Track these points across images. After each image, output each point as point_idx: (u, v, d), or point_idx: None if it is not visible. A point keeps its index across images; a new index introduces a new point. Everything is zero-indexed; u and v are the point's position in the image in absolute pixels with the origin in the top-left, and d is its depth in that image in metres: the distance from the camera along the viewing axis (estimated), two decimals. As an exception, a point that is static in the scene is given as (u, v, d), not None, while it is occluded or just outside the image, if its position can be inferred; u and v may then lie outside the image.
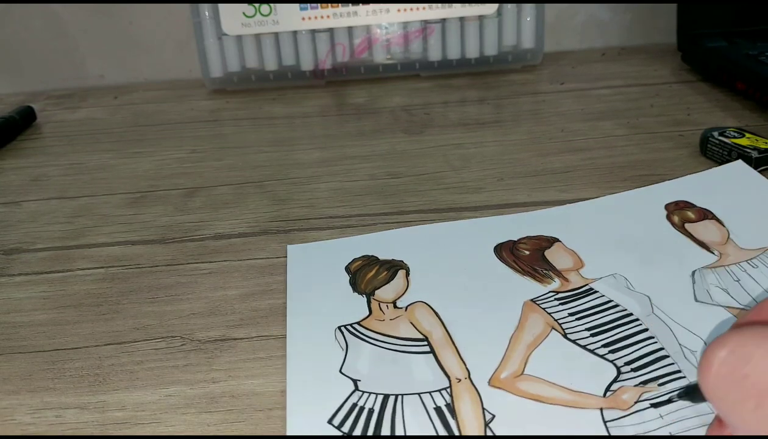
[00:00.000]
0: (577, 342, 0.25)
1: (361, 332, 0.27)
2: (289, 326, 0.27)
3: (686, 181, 0.36)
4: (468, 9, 0.58)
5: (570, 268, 0.30)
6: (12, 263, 0.35)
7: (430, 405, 0.23)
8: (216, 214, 0.38)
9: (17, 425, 0.24)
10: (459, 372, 0.24)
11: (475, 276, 0.30)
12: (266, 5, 0.57)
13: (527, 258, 0.31)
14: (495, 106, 0.53)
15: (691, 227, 0.32)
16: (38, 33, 0.66)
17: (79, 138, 0.52)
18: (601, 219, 0.34)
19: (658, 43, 0.67)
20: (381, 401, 0.23)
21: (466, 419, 0.22)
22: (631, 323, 0.26)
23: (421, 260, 0.31)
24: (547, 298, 0.28)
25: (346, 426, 0.22)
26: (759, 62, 0.48)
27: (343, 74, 0.61)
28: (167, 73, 0.68)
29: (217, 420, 0.23)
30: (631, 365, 0.24)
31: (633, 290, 0.28)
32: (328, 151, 0.46)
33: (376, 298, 0.29)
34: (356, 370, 0.25)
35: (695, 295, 0.27)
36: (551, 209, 0.35)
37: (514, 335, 0.26)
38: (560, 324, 0.26)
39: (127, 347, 0.28)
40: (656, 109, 0.49)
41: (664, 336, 0.25)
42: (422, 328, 0.27)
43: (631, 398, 0.23)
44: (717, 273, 0.29)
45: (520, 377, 0.24)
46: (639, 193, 0.36)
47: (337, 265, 0.31)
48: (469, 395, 0.23)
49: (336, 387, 0.24)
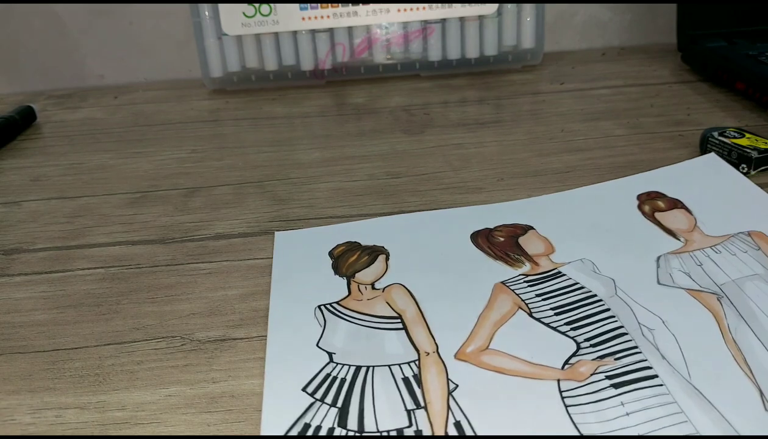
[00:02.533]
0: (542, 320, 0.27)
1: (339, 311, 0.28)
2: (272, 305, 0.29)
3: (660, 172, 0.38)
4: (468, 9, 0.58)
5: (541, 253, 0.31)
6: (12, 263, 0.35)
7: (399, 376, 0.25)
8: (216, 214, 0.38)
9: (17, 425, 0.24)
10: (428, 346, 0.26)
11: (451, 260, 0.31)
12: (266, 5, 0.57)
13: (501, 244, 0.32)
14: (495, 106, 0.53)
15: (660, 216, 0.33)
16: (38, 33, 0.66)
17: (79, 138, 0.52)
18: (575, 208, 0.35)
19: (658, 43, 0.67)
20: (353, 372, 0.25)
21: (431, 388, 0.24)
22: (594, 303, 0.28)
23: (401, 246, 0.33)
24: (517, 280, 0.29)
25: (319, 393, 0.24)
26: (759, 62, 0.48)
27: (343, 74, 0.61)
28: (167, 73, 0.68)
29: (217, 420, 0.23)
30: (591, 341, 0.25)
31: (599, 274, 0.29)
32: (328, 151, 0.46)
33: (356, 280, 0.30)
34: (332, 344, 0.26)
35: (658, 278, 0.29)
36: (529, 199, 0.36)
37: (483, 313, 0.28)
38: (527, 304, 0.28)
39: (127, 347, 0.28)
40: (656, 109, 0.49)
41: (624, 315, 0.27)
42: (397, 307, 0.28)
43: (588, 371, 0.24)
44: (681, 258, 0.30)
45: (485, 351, 0.25)
46: (613, 184, 0.37)
47: (321, 250, 0.33)
48: (436, 366, 0.25)
49: (312, 359, 0.26)
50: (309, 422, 0.23)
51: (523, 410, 0.23)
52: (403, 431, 0.22)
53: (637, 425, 0.22)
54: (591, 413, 0.22)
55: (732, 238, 0.31)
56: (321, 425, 0.23)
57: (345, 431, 0.22)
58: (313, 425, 0.23)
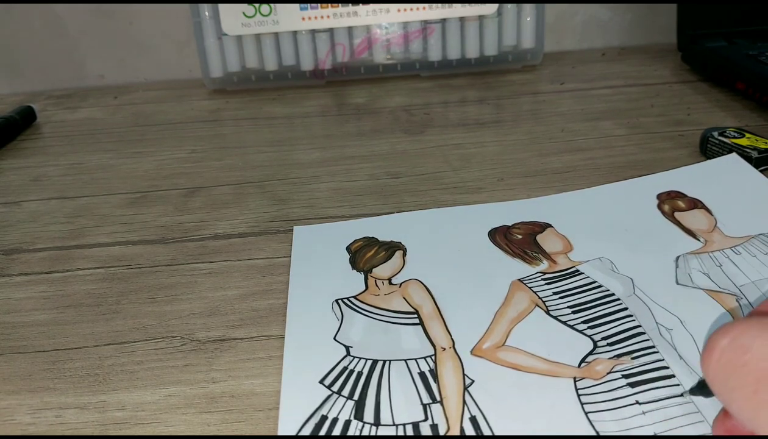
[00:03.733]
0: (559, 318, 0.27)
1: (356, 305, 0.29)
2: (290, 298, 0.29)
3: (680, 172, 0.38)
4: (468, 9, 0.58)
5: (559, 251, 0.31)
6: (12, 263, 0.35)
7: (415, 370, 0.25)
8: (216, 214, 0.38)
9: (17, 425, 0.24)
10: (444, 342, 0.26)
11: (468, 257, 0.31)
12: (266, 5, 0.57)
13: (519, 242, 0.32)
14: (495, 106, 0.53)
15: (680, 216, 0.33)
16: (38, 33, 0.66)
17: (79, 138, 0.52)
18: (594, 207, 0.35)
19: (658, 43, 0.67)
20: (370, 366, 0.25)
21: (447, 383, 0.24)
22: (611, 302, 0.27)
23: (418, 242, 0.33)
24: (534, 278, 0.29)
25: (336, 386, 0.24)
26: (759, 62, 0.48)
27: (343, 74, 0.61)
28: (167, 73, 0.68)
29: (217, 420, 0.23)
30: (608, 339, 0.25)
31: (617, 272, 0.29)
32: (328, 151, 0.46)
33: (373, 275, 0.31)
34: (349, 338, 0.27)
35: (677, 278, 0.29)
36: (547, 197, 0.36)
37: (500, 310, 0.28)
38: (544, 302, 0.28)
39: (127, 347, 0.28)
40: (656, 109, 0.49)
41: (642, 315, 0.27)
42: (413, 302, 0.28)
43: (604, 369, 0.24)
44: (700, 258, 0.30)
45: (501, 348, 0.25)
46: (633, 183, 0.37)
47: (339, 245, 0.33)
48: (452, 361, 0.25)
49: (329, 352, 0.26)
50: (326, 414, 0.23)
51: (538, 407, 0.23)
52: (419, 424, 0.22)
53: (653, 424, 0.21)
54: (607, 411, 0.22)
55: (752, 239, 0.31)
56: (338, 417, 0.23)
57: (361, 423, 0.23)
58: (330, 417, 0.23)
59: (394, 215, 0.36)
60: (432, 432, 0.22)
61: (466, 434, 0.22)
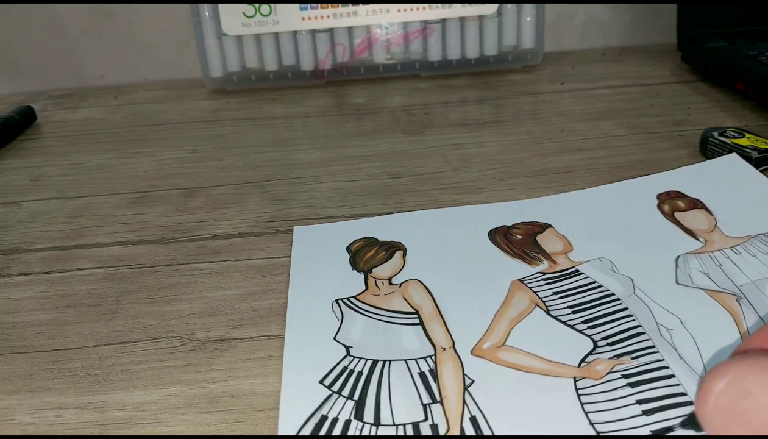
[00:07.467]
0: (559, 318, 0.27)
1: (356, 305, 0.29)
2: (291, 298, 0.29)
3: (680, 172, 0.38)
4: (468, 9, 0.58)
5: (559, 251, 0.31)
6: (12, 263, 0.35)
7: (415, 370, 0.25)
8: (216, 214, 0.38)
9: (17, 425, 0.24)
10: (444, 342, 0.26)
11: (468, 257, 0.31)
12: (266, 5, 0.57)
13: (519, 242, 0.32)
14: (495, 106, 0.53)
15: (680, 216, 0.33)
16: (38, 33, 0.66)
17: (79, 138, 0.52)
18: (594, 207, 0.35)
19: (658, 43, 0.67)
20: (370, 366, 0.25)
21: (447, 383, 0.24)
22: (611, 302, 0.27)
23: (418, 242, 0.33)
24: (534, 278, 0.29)
25: (336, 386, 0.24)
26: (759, 62, 0.48)
27: (343, 74, 0.61)
28: (167, 73, 0.68)
29: (217, 420, 0.23)
30: (608, 339, 0.25)
31: (617, 272, 0.29)
32: (328, 151, 0.46)
33: (374, 275, 0.31)
34: (349, 338, 0.27)
35: (677, 278, 0.29)
36: (547, 197, 0.36)
37: (499, 310, 0.28)
38: (544, 302, 0.28)
39: (127, 347, 0.28)
40: (656, 109, 0.49)
41: (642, 315, 0.27)
42: (413, 302, 0.29)
43: (604, 369, 0.24)
44: (700, 258, 0.30)
45: (501, 348, 0.25)
46: (633, 183, 0.37)
47: (339, 245, 0.33)
48: (452, 361, 0.25)
49: (329, 352, 0.26)
50: (326, 414, 0.23)
51: (538, 407, 0.23)
52: (419, 424, 0.22)
53: (653, 424, 0.21)
54: (607, 411, 0.22)
55: (752, 239, 0.31)
56: (338, 417, 0.23)
57: (361, 423, 0.23)
58: (330, 417, 0.23)
59: (394, 215, 0.36)
60: (432, 432, 0.22)
61: (466, 434, 0.22)
